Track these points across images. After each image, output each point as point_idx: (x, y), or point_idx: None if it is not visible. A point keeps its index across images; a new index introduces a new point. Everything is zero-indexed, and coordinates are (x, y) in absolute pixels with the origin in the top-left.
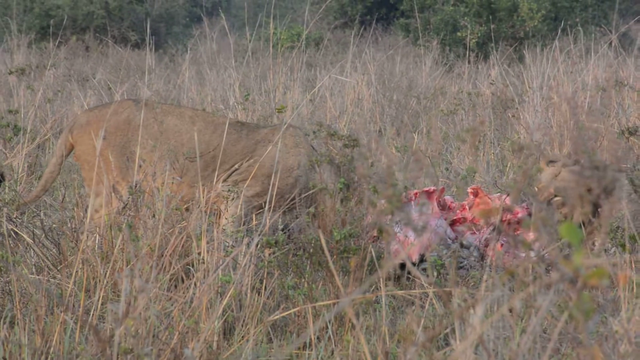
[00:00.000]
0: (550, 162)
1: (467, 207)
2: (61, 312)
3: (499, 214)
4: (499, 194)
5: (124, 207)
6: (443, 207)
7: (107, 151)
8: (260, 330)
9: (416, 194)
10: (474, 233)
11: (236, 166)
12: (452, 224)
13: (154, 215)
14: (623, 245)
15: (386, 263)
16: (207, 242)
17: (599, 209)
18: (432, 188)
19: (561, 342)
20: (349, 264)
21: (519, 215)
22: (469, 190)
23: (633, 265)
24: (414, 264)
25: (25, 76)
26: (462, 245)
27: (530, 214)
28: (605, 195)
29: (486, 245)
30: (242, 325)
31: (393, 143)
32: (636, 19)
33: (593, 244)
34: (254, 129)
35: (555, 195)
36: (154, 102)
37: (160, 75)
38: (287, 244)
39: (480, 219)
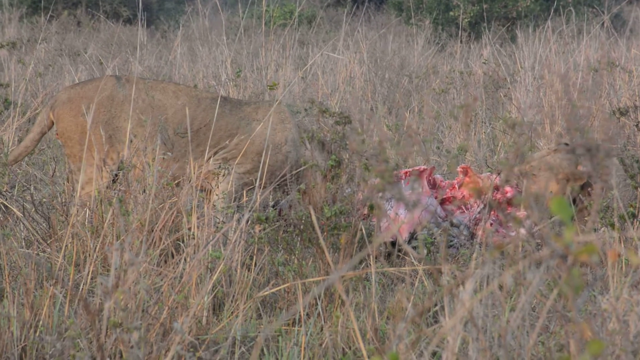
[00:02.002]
0: (565, 144)
1: (457, 186)
2: (50, 285)
3: (490, 192)
4: (488, 173)
5: (114, 182)
6: (433, 185)
7: (92, 128)
8: (250, 306)
9: (406, 172)
10: (464, 212)
11: (222, 143)
12: (442, 202)
13: (144, 190)
14: (612, 225)
15: (376, 239)
16: (198, 218)
17: (589, 189)
18: (423, 167)
19: (550, 320)
20: (339, 241)
21: (509, 194)
22: (459, 169)
23: (622, 244)
24: (407, 242)
25: (16, 50)
26: (452, 224)
27: (520, 193)
28: (596, 175)
29: (476, 224)
30: (232, 301)
31: (385, 121)
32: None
33: (584, 223)
34: (237, 105)
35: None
36: (136, 78)
37: (152, 51)
38: (277, 221)
39: (471, 197)
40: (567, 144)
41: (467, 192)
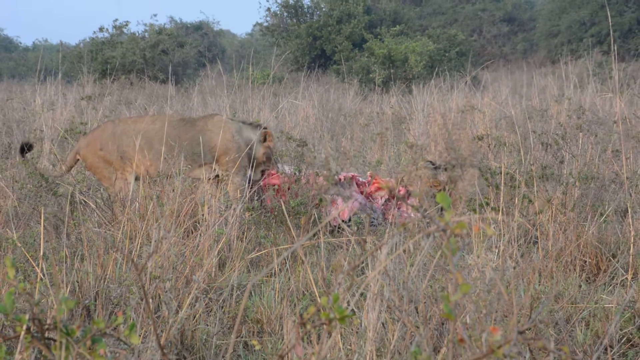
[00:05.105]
0: (430, 162)
1: (367, 185)
2: (113, 252)
3: (396, 189)
4: (390, 178)
5: (153, 184)
6: (357, 186)
7: (107, 156)
8: (243, 265)
9: (344, 177)
10: (376, 203)
11: (195, 150)
12: None
13: (173, 190)
14: (475, 210)
15: (324, 221)
16: (208, 208)
17: (458, 186)
18: (354, 174)
19: (436, 271)
20: (300, 222)
21: (402, 192)
22: (368, 174)
23: (481, 222)
24: (344, 222)
25: (91, 101)
26: (372, 210)
27: (408, 192)
28: (463, 178)
29: (387, 210)
30: (231, 261)
31: (329, 144)
32: (482, 67)
33: (457, 209)
34: (191, 121)
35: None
36: (125, 119)
37: (178, 100)
38: (260, 209)
39: (376, 192)
40: (431, 162)
41: (373, 189)
